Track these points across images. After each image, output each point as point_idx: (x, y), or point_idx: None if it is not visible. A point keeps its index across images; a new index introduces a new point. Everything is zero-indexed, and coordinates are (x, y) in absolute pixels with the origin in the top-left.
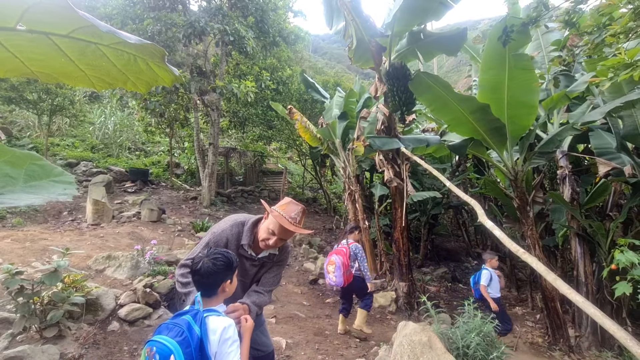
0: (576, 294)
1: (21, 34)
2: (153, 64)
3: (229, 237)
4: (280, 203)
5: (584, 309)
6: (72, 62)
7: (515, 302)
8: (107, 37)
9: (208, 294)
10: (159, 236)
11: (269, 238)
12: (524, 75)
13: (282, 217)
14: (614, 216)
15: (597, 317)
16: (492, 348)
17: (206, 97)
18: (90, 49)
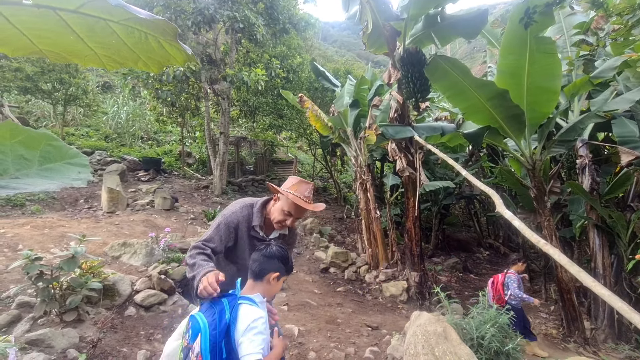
0: (602, 287)
1: (27, 8)
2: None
3: (239, 219)
4: (288, 184)
5: (610, 303)
6: (81, 39)
7: (529, 293)
8: (117, 12)
9: (255, 276)
10: (172, 224)
11: (285, 219)
12: (545, 60)
13: (298, 197)
14: (635, 207)
15: (624, 311)
16: (508, 339)
17: (217, 86)
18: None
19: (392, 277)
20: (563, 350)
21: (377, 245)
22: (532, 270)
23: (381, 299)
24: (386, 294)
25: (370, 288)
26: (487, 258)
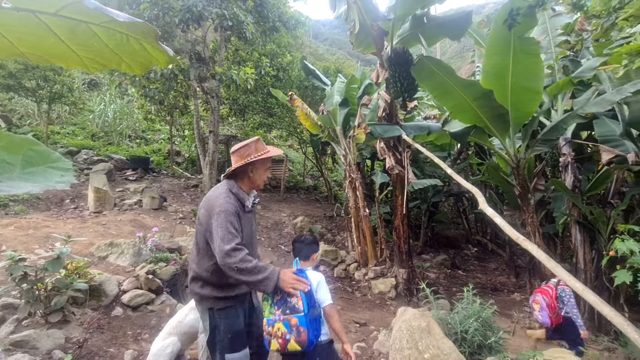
0: (576, 280)
1: (7, 11)
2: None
3: (235, 204)
4: (249, 150)
5: (583, 296)
6: (62, 42)
7: (514, 288)
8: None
9: (304, 257)
10: (160, 224)
11: (267, 175)
12: (529, 60)
13: (268, 153)
14: (615, 204)
15: (596, 304)
16: (490, 333)
17: (205, 84)
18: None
19: (381, 275)
20: (545, 343)
21: (366, 243)
22: (518, 265)
23: (370, 296)
24: (375, 291)
25: (359, 285)
26: (475, 254)
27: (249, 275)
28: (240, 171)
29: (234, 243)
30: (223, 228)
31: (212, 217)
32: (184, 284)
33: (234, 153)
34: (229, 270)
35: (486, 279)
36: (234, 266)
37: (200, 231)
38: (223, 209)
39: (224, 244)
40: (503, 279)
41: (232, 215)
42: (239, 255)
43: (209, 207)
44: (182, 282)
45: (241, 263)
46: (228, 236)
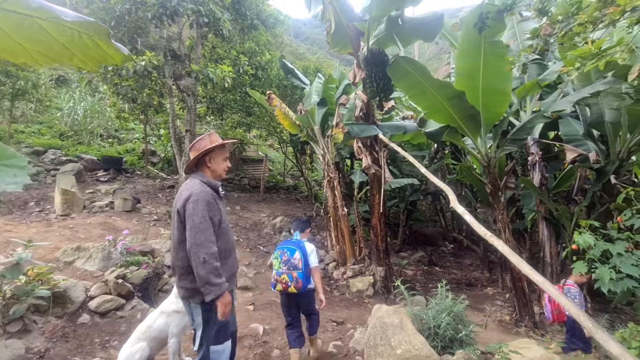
0: (536, 274)
1: None
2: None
3: (211, 193)
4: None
5: (543, 288)
6: (7, 35)
7: (487, 283)
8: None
9: (301, 230)
10: (133, 226)
11: (228, 163)
12: (498, 63)
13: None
14: (578, 200)
15: (554, 295)
16: (462, 327)
17: (181, 82)
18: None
19: (359, 273)
20: (515, 335)
21: (345, 242)
22: (491, 261)
23: (348, 295)
24: (353, 289)
25: (337, 284)
26: (451, 251)
27: (209, 272)
28: (200, 164)
29: (209, 233)
30: (199, 216)
31: (188, 205)
32: (157, 287)
33: (191, 149)
34: (194, 258)
35: (461, 274)
36: (202, 257)
37: (178, 226)
38: (200, 197)
39: (199, 232)
40: (477, 274)
41: (208, 204)
42: (212, 249)
43: (184, 198)
44: (155, 285)
45: (210, 257)
46: (204, 224)
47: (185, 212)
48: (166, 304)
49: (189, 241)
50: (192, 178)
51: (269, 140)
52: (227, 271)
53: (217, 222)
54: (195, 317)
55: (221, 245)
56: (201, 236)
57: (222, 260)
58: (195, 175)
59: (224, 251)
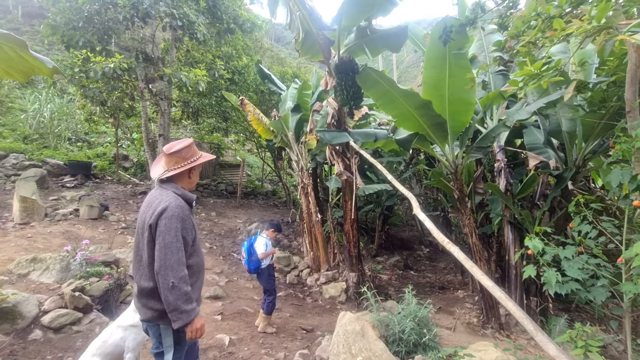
0: (488, 279)
1: None
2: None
3: (186, 208)
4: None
5: (493, 293)
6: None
7: (459, 285)
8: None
9: (266, 229)
10: (98, 234)
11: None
12: (462, 74)
13: (205, 156)
14: (540, 205)
15: (501, 299)
16: (427, 331)
17: (155, 85)
18: None
19: (333, 279)
20: (481, 336)
21: (319, 248)
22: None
23: (321, 301)
24: (326, 296)
25: (311, 291)
26: (427, 255)
27: (178, 299)
28: (180, 174)
29: (181, 254)
30: (172, 235)
31: (161, 221)
32: (119, 299)
33: (173, 154)
34: (162, 281)
35: (435, 277)
36: (172, 281)
37: (148, 243)
38: (175, 213)
39: (170, 253)
40: (450, 277)
41: (183, 221)
42: (182, 273)
43: (158, 211)
44: (116, 297)
45: (180, 282)
46: (177, 244)
47: (157, 228)
48: (123, 317)
49: (158, 262)
50: (165, 189)
51: (247, 145)
52: (198, 289)
53: (189, 242)
54: (164, 340)
55: (194, 263)
56: (172, 258)
57: (194, 278)
58: (167, 186)
59: (198, 269)
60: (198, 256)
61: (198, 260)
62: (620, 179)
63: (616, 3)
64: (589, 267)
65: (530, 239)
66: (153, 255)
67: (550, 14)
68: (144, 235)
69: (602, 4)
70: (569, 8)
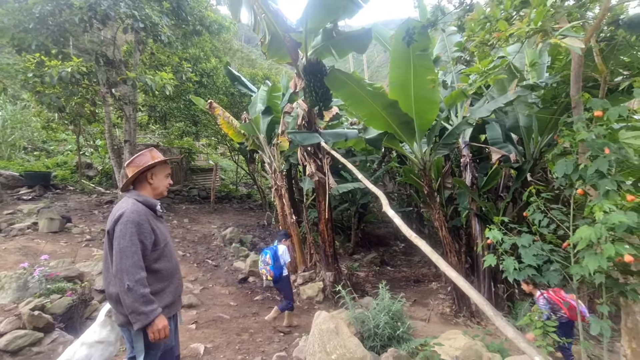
0: (452, 270)
1: None
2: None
3: (144, 213)
4: (145, 159)
5: (457, 282)
6: None
7: (433, 278)
8: None
9: (279, 240)
10: (60, 248)
11: (169, 180)
12: (426, 74)
13: (164, 159)
14: (504, 197)
15: (465, 289)
16: (401, 324)
17: (118, 89)
18: None
19: (310, 280)
20: (454, 325)
21: (295, 249)
22: None
23: (298, 302)
24: (303, 296)
25: None
26: (402, 250)
27: (135, 301)
28: (140, 181)
29: (137, 258)
30: (127, 239)
31: (117, 227)
32: (84, 315)
33: (129, 165)
34: (119, 284)
35: (410, 271)
36: (127, 284)
37: (107, 248)
38: (130, 219)
39: (125, 256)
40: (425, 270)
41: (138, 226)
42: (138, 276)
43: (115, 218)
44: (81, 313)
45: (136, 284)
46: (132, 247)
47: (114, 234)
48: (88, 334)
49: (114, 266)
50: (127, 197)
51: (220, 148)
52: (171, 294)
53: (149, 245)
54: (135, 344)
55: (163, 268)
56: (127, 261)
57: (165, 283)
58: (130, 194)
59: (168, 274)
60: (169, 261)
61: (169, 265)
62: (565, 169)
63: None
64: (543, 253)
65: (490, 230)
66: None
67: (497, 17)
68: (106, 242)
69: (540, 7)
70: (514, 11)
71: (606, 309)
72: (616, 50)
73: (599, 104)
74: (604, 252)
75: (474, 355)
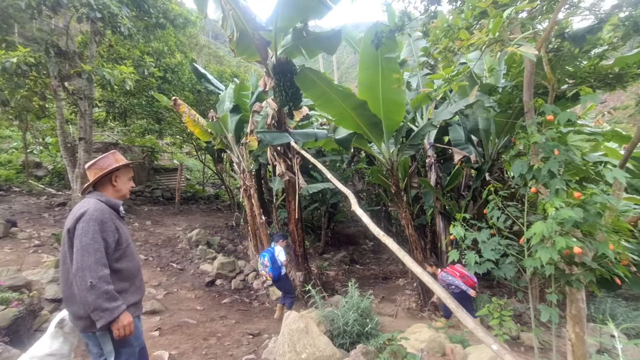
0: (417, 266)
1: None
2: None
3: (107, 211)
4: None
5: (421, 278)
6: None
7: (400, 274)
8: None
9: (276, 241)
10: (4, 256)
11: (131, 183)
12: (393, 76)
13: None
14: (465, 195)
15: (429, 284)
16: (369, 321)
17: (71, 83)
18: None
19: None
20: (420, 319)
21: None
22: None
23: (268, 304)
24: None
25: (257, 294)
26: (371, 248)
27: (98, 297)
28: (102, 183)
29: (99, 255)
30: (89, 237)
31: (79, 224)
32: (32, 327)
33: (91, 168)
34: (80, 283)
35: (379, 269)
36: (89, 281)
37: (67, 247)
38: (93, 216)
39: (87, 254)
40: (393, 268)
41: (101, 224)
42: (100, 273)
43: (76, 216)
44: (29, 325)
45: (99, 281)
46: (95, 245)
47: (75, 232)
48: (38, 347)
49: (75, 264)
50: (88, 197)
51: (186, 147)
52: (134, 293)
53: (112, 244)
54: (104, 346)
55: (125, 268)
56: (90, 258)
57: (126, 283)
58: (91, 195)
59: (130, 274)
60: (130, 261)
61: (130, 265)
62: (520, 170)
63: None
64: (500, 247)
65: (453, 227)
66: None
67: (459, 26)
68: (66, 243)
69: (497, 18)
70: (474, 21)
71: (554, 298)
72: (562, 60)
73: (550, 109)
74: (555, 245)
75: (438, 347)
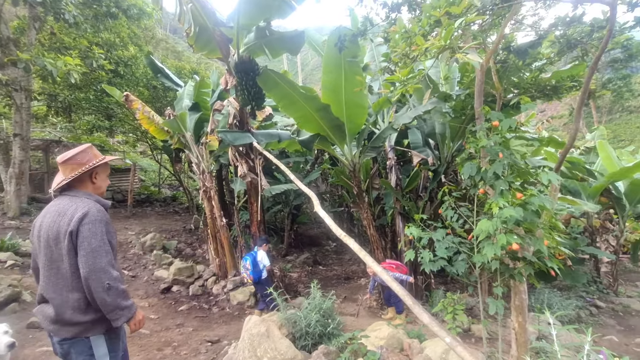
0: (377, 265)
1: None
2: None
3: (104, 212)
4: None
5: (381, 276)
6: None
7: (362, 274)
8: None
9: (259, 245)
10: None
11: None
12: (356, 80)
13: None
14: (422, 196)
15: (388, 282)
16: (331, 321)
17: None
18: None
19: (241, 284)
20: (381, 318)
21: (225, 254)
22: None
23: (228, 309)
24: (234, 302)
25: (217, 300)
26: (334, 249)
27: (117, 296)
28: (81, 180)
29: (110, 257)
30: (98, 238)
31: (84, 227)
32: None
33: (66, 162)
34: (95, 285)
35: (341, 269)
36: (106, 283)
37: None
38: (98, 218)
39: (99, 256)
40: (355, 268)
41: (107, 225)
42: (115, 273)
43: (77, 217)
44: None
45: (115, 282)
46: (104, 248)
47: (79, 234)
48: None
49: (87, 267)
50: (76, 196)
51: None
52: None
53: (114, 246)
54: (97, 350)
55: (119, 269)
56: (102, 260)
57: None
58: (76, 193)
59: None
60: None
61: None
62: (470, 171)
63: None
64: (454, 245)
65: (409, 227)
66: (76, 264)
67: (416, 32)
68: (58, 245)
69: (449, 27)
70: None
71: (500, 290)
72: (508, 71)
73: (496, 116)
74: (498, 241)
75: (397, 343)
